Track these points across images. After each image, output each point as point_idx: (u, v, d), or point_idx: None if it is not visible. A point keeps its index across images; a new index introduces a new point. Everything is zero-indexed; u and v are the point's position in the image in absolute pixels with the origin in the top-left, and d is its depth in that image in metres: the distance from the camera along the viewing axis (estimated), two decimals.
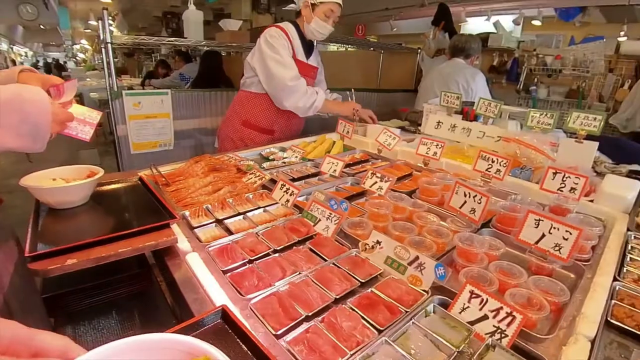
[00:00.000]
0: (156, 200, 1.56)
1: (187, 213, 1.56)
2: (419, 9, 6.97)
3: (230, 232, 1.49)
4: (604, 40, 5.77)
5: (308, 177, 2.06)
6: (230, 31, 5.21)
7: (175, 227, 1.39)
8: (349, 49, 7.24)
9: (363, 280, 1.24)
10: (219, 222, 1.55)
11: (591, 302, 1.21)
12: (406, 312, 1.12)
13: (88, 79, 11.02)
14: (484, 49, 6.65)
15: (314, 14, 2.72)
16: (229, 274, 1.22)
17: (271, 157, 2.32)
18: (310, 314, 1.07)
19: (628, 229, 1.71)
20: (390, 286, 1.22)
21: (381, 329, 1.05)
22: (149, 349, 0.65)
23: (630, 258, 1.52)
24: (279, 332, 1.00)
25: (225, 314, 0.93)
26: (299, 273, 1.24)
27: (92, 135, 1.38)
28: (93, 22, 12.36)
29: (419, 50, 5.83)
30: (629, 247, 1.58)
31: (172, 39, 4.64)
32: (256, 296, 1.12)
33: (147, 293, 1.63)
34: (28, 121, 1.15)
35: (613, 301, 1.24)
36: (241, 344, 0.90)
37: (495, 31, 6.68)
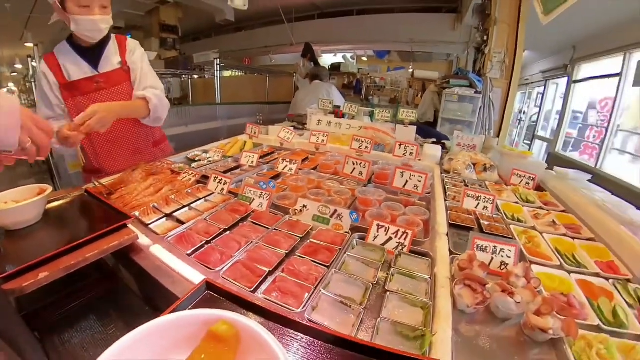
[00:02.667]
0: (107, 207, 1.28)
1: (137, 213, 1.33)
2: (289, 47, 7.43)
3: (181, 223, 1.32)
4: (404, 69, 7.75)
5: (232, 169, 1.96)
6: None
7: (131, 227, 1.17)
8: (241, 74, 7.22)
9: (301, 236, 1.23)
10: (168, 216, 1.37)
11: (439, 215, 1.43)
12: (339, 249, 1.14)
13: None
14: (337, 73, 7.66)
15: (67, 9, 1.78)
16: (193, 255, 1.11)
17: (197, 158, 2.18)
18: (272, 269, 1.04)
19: (442, 172, 2.11)
20: (322, 235, 1.23)
21: (327, 264, 1.06)
22: (168, 329, 0.57)
23: (447, 187, 1.84)
24: (253, 288, 0.95)
25: (209, 285, 0.80)
26: (251, 242, 1.17)
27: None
28: (19, 66, 10.61)
29: (294, 74, 6.04)
30: (445, 182, 1.92)
31: None
32: (224, 267, 1.04)
33: (116, 293, 1.38)
34: None
35: (448, 212, 1.50)
36: (232, 304, 0.79)
37: (343, 62, 8.10)
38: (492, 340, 0.86)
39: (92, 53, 1.83)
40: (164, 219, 1.35)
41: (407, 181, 1.62)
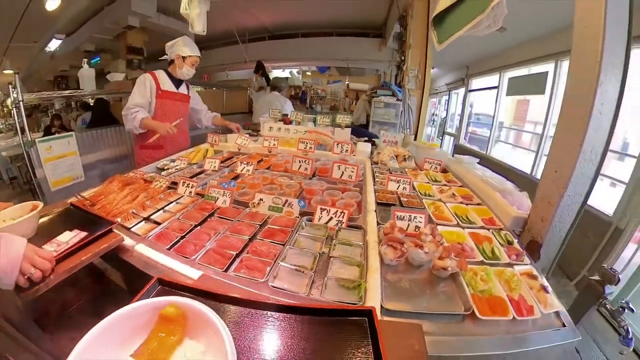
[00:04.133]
0: (92, 216, 1.22)
1: (119, 219, 1.29)
2: (243, 64, 7.42)
3: (158, 223, 1.30)
4: (341, 82, 7.98)
5: (197, 174, 1.94)
6: (117, 81, 4.57)
7: (116, 231, 1.14)
8: (201, 89, 7.07)
9: (260, 223, 1.27)
10: (146, 219, 1.33)
11: (369, 196, 1.55)
12: (292, 230, 1.20)
13: None
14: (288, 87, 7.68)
15: (185, 63, 2.55)
16: (172, 249, 1.11)
17: (166, 167, 2.12)
18: (238, 252, 1.07)
19: (372, 164, 2.23)
20: (277, 221, 1.28)
21: (283, 243, 1.12)
22: (127, 319, 0.58)
23: (376, 175, 1.95)
24: (225, 268, 0.99)
25: (161, 280, 0.76)
26: (219, 233, 1.19)
27: None
28: None
29: (248, 88, 6.01)
30: (374, 171, 2.04)
31: (74, 91, 3.81)
32: (198, 255, 1.06)
33: (107, 293, 1.33)
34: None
35: (376, 194, 1.61)
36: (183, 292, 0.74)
37: (290, 77, 8.02)
38: (411, 282, 0.99)
39: (176, 82, 2.63)
40: (143, 222, 1.31)
41: (343, 172, 1.74)
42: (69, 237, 1.04)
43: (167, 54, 2.60)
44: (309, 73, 8.62)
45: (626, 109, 3.08)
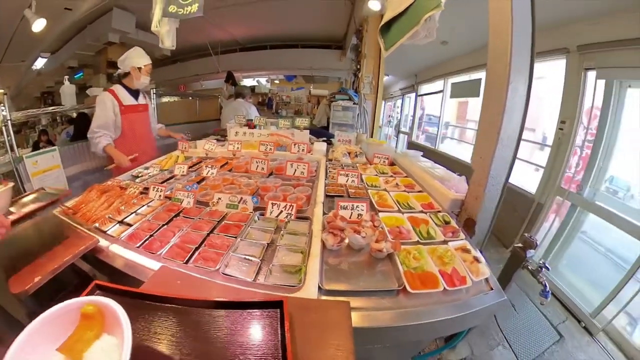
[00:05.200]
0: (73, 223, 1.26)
1: (97, 224, 1.23)
2: (216, 74, 7.29)
3: (130, 225, 1.24)
4: (304, 89, 8.00)
5: (168, 179, 1.84)
6: (95, 95, 4.31)
7: (91, 234, 1.15)
8: (176, 99, 6.84)
9: (218, 219, 1.23)
10: (120, 222, 1.26)
11: (319, 189, 1.52)
12: (245, 224, 1.16)
13: None
14: (254, 93, 7.53)
15: (141, 74, 2.39)
16: (141, 246, 1.07)
17: (140, 175, 2.00)
18: (197, 245, 1.04)
19: (327, 161, 2.18)
20: (233, 217, 1.24)
21: (236, 236, 1.08)
22: (55, 318, 0.56)
23: (329, 171, 1.90)
24: (185, 260, 0.97)
25: (98, 285, 0.73)
26: (182, 230, 1.15)
27: None
28: None
29: (219, 96, 5.86)
30: (328, 167, 1.99)
31: (57, 107, 3.66)
32: (163, 250, 1.02)
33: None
34: None
35: (326, 187, 1.57)
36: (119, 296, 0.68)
37: (257, 84, 8.00)
38: (350, 264, 0.98)
39: (134, 93, 2.46)
40: (117, 225, 1.25)
41: (295, 170, 1.70)
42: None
43: (119, 68, 2.44)
44: (277, 81, 8.59)
45: (546, 110, 3.39)
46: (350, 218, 1.19)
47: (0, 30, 4.74)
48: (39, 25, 4.00)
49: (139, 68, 2.37)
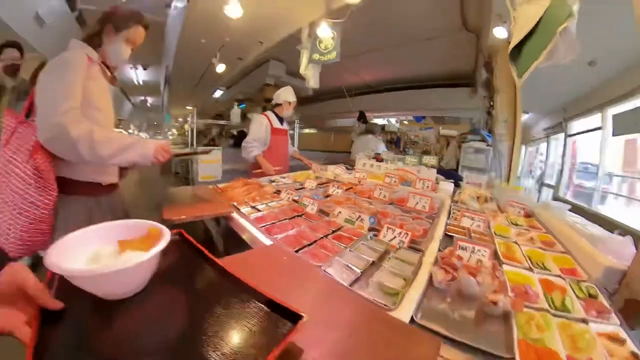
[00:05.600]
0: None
1: (235, 203, 1.63)
2: (349, 113, 8.10)
3: (260, 211, 1.55)
4: (433, 129, 7.64)
5: (298, 189, 2.10)
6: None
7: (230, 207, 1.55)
8: (314, 131, 7.80)
9: (334, 229, 1.32)
10: (253, 207, 1.60)
11: (438, 226, 1.45)
12: (357, 239, 1.21)
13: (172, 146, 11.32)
14: (382, 131, 7.79)
15: (290, 107, 3.00)
16: (264, 227, 1.30)
17: (276, 180, 2.38)
18: (310, 243, 1.15)
19: (452, 202, 2.01)
20: (348, 230, 1.31)
21: (346, 246, 1.14)
22: (125, 226, 0.70)
23: (452, 212, 1.73)
24: (296, 249, 1.10)
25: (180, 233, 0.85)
26: (300, 227, 1.32)
27: None
28: (181, 119, 12.95)
29: (351, 132, 6.45)
30: (452, 208, 1.81)
31: (227, 122, 5.19)
32: (280, 236, 1.21)
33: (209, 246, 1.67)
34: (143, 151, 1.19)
35: (447, 226, 1.45)
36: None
37: (387, 123, 8.20)
38: (454, 309, 0.84)
39: (280, 120, 3.00)
40: (250, 208, 1.61)
41: (417, 202, 1.67)
42: None
43: (273, 99, 3.09)
44: (406, 122, 8.66)
45: None
46: (467, 261, 1.08)
47: (196, 68, 6.86)
48: (220, 68, 5.64)
49: (289, 102, 2.95)
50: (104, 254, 0.64)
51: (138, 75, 10.90)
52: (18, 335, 0.49)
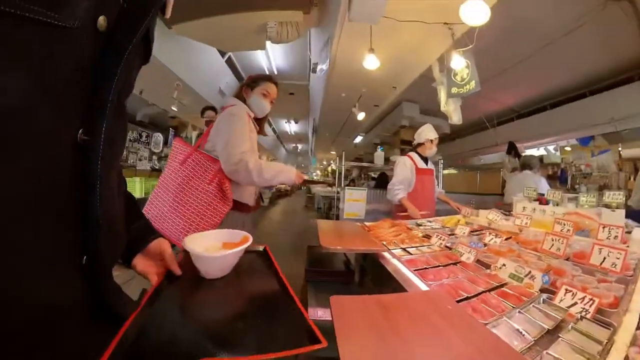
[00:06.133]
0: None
1: (384, 242, 1.75)
2: (494, 147, 7.16)
3: (411, 254, 1.61)
4: (610, 151, 5.46)
5: (449, 235, 2.07)
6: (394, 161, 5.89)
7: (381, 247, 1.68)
8: (456, 171, 7.45)
9: (497, 284, 1.27)
10: (403, 249, 1.68)
11: (636, 294, 1.13)
12: (527, 300, 1.13)
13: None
14: (541, 164, 6.28)
15: (432, 145, 3.07)
16: (415, 271, 1.33)
17: (423, 224, 2.44)
18: (469, 295, 1.14)
19: None
20: (514, 288, 1.24)
21: (515, 306, 1.09)
22: (229, 233, 0.93)
23: None
24: (457, 300, 1.09)
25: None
26: (457, 277, 1.30)
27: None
28: (325, 162, 15.29)
29: (502, 170, 5.65)
30: None
31: (369, 164, 5.63)
32: (435, 283, 1.22)
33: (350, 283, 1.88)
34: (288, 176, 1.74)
35: None
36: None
37: (545, 153, 6.74)
38: None
39: (424, 160, 3.11)
40: (400, 250, 1.70)
41: (605, 258, 1.37)
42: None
43: (413, 140, 3.18)
44: (568, 148, 6.69)
45: None
46: None
47: (339, 118, 8.09)
48: (360, 116, 6.32)
49: (431, 140, 3.03)
50: (212, 248, 0.87)
51: (291, 127, 13.71)
52: (150, 278, 0.72)
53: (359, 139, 9.84)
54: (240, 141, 1.59)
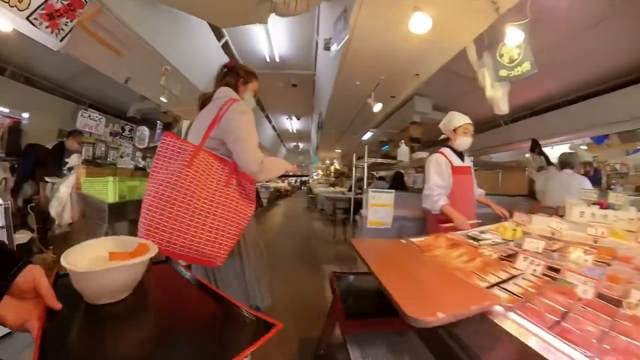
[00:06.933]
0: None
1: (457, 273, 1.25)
2: (507, 145, 7.01)
3: (513, 294, 1.10)
4: None
5: (524, 251, 1.60)
6: (419, 158, 5.17)
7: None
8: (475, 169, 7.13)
9: None
10: (500, 287, 1.15)
11: None
12: None
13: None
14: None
15: (457, 134, 2.52)
16: (550, 329, 0.87)
17: (478, 238, 1.99)
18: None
19: None
20: None
21: None
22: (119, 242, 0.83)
23: None
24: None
25: None
26: (606, 330, 0.88)
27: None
28: (327, 161, 14.84)
29: (526, 169, 5.19)
30: None
31: (392, 160, 5.18)
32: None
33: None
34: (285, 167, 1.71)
35: None
36: None
37: (572, 152, 6.26)
38: None
39: (460, 155, 2.58)
40: (496, 288, 1.17)
41: None
42: None
43: (443, 134, 2.67)
44: (584, 147, 6.60)
45: None
46: None
47: (350, 112, 7.13)
48: (377, 107, 5.66)
49: (455, 129, 2.52)
50: (97, 261, 0.72)
51: (292, 124, 13.12)
52: (29, 328, 0.55)
53: (368, 136, 9.21)
54: (255, 140, 1.55)
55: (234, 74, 1.73)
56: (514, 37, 2.71)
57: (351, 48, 3.68)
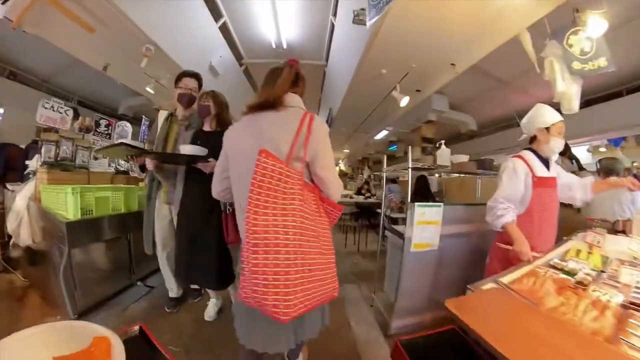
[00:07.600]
0: None
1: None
2: (517, 148, 6.47)
3: None
4: None
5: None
6: (460, 162, 3.72)
7: None
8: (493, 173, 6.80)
9: None
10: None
11: None
12: None
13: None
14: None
15: (550, 134, 1.95)
16: None
17: (565, 268, 1.55)
18: None
19: None
20: None
21: None
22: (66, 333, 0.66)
23: None
24: None
25: None
26: None
27: None
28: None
29: None
30: None
31: (431, 166, 4.58)
32: None
33: None
34: None
35: None
36: None
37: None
38: None
39: (545, 162, 2.00)
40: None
41: None
42: None
43: (524, 133, 2.12)
44: (602, 149, 6.54)
45: None
46: None
47: (368, 106, 6.23)
48: (404, 101, 4.89)
49: (546, 128, 1.97)
50: None
51: None
52: None
53: (382, 134, 8.35)
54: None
55: (302, 82, 1.48)
56: (597, 27, 2.30)
57: (384, 27, 3.04)
